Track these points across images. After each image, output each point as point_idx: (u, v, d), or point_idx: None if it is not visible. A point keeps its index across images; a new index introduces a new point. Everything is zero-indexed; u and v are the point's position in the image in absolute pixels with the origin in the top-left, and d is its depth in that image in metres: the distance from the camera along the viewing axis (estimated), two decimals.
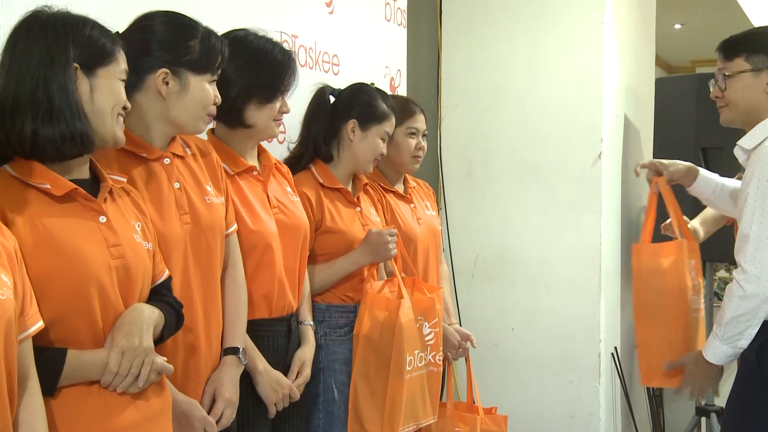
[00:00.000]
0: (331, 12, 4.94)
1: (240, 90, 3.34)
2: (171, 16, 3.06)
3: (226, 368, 3.16)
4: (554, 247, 6.22)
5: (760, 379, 3.61)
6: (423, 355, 3.87)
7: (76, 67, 2.48)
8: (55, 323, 2.39)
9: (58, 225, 2.44)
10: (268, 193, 3.56)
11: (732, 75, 3.84)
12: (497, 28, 6.50)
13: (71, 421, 2.42)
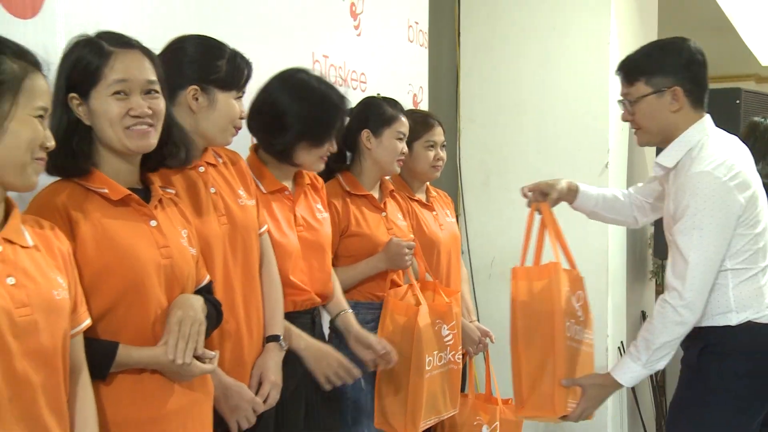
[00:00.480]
0: (359, 34, 4.93)
1: (294, 134, 3.35)
2: (201, 38, 3.10)
3: (269, 353, 3.19)
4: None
5: (701, 383, 3.48)
6: (442, 354, 3.87)
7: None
8: (108, 314, 2.46)
9: (114, 225, 2.50)
10: (295, 213, 3.55)
11: (636, 100, 3.56)
12: (511, 48, 6.55)
13: (121, 405, 2.47)
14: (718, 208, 3.26)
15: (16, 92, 2.06)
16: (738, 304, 3.37)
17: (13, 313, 2.02)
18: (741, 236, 3.33)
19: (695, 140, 3.42)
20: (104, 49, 2.52)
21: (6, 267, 2.07)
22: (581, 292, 3.72)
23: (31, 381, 2.07)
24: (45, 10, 2.89)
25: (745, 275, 3.37)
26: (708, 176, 3.28)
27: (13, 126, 2.05)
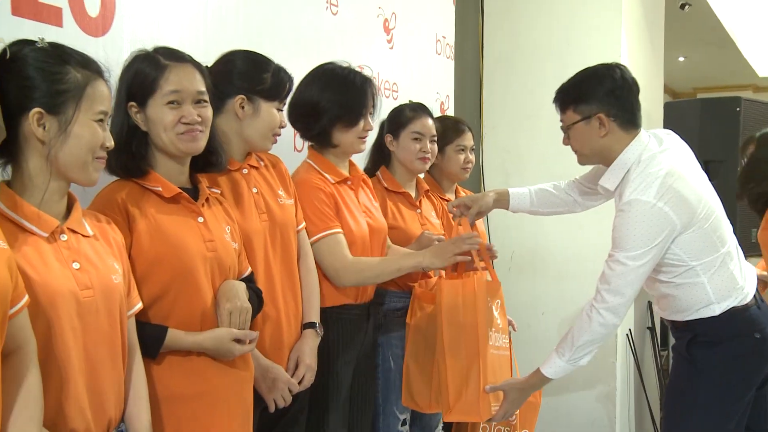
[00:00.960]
0: (392, 47, 4.95)
1: (328, 117, 3.37)
2: (249, 53, 3.12)
3: (306, 339, 3.21)
4: (578, 245, 6.24)
5: (691, 368, 3.44)
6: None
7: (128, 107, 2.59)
8: (159, 300, 2.53)
9: (166, 220, 2.56)
10: (359, 199, 3.60)
11: (568, 127, 3.52)
12: (529, 61, 6.53)
13: (170, 381, 2.54)
14: (647, 230, 3.20)
15: (79, 99, 2.10)
16: (717, 296, 3.33)
17: (78, 294, 2.09)
18: (695, 235, 3.27)
19: (631, 161, 3.35)
20: (160, 62, 2.58)
21: (71, 253, 2.13)
22: (499, 301, 3.66)
23: (94, 356, 2.13)
24: (113, 30, 3.00)
25: (714, 266, 3.32)
26: (636, 204, 3.21)
27: (76, 129, 2.09)
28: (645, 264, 3.23)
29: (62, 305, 2.04)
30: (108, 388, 2.17)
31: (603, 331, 3.33)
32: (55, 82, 2.07)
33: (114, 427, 2.20)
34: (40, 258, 2.05)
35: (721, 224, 3.39)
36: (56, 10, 2.76)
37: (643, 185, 3.23)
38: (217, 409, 2.61)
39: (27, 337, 1.91)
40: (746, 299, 3.39)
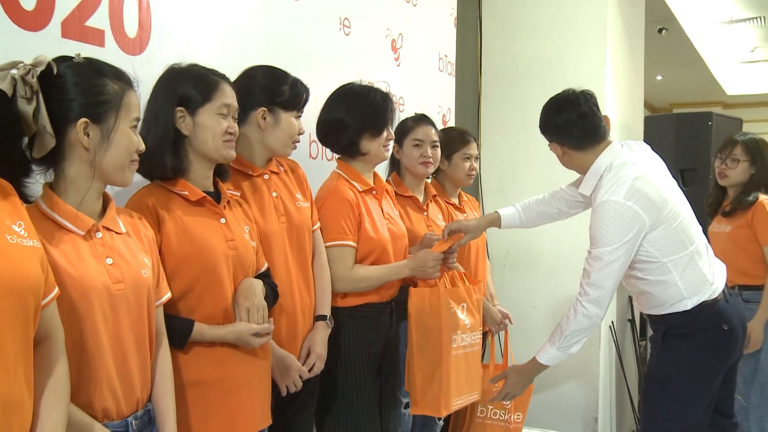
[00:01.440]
0: (399, 65, 4.95)
1: (354, 129, 3.39)
2: (269, 68, 3.13)
3: (318, 330, 3.21)
4: (566, 245, 6.20)
5: (665, 358, 3.54)
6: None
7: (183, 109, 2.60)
8: (186, 295, 2.55)
9: (192, 222, 2.58)
10: (382, 208, 3.60)
11: (551, 148, 3.73)
12: (523, 77, 6.57)
13: (196, 367, 2.56)
14: (619, 227, 3.29)
15: (118, 108, 2.12)
16: (689, 291, 3.41)
17: (111, 287, 2.11)
18: (665, 233, 3.35)
19: (603, 168, 3.47)
20: (213, 77, 2.66)
21: (105, 250, 2.15)
22: (465, 303, 3.64)
23: (124, 343, 2.15)
24: (149, 49, 3.03)
25: (683, 262, 3.39)
26: (607, 204, 3.32)
27: (116, 136, 2.12)
28: (619, 258, 3.31)
29: (95, 298, 2.06)
30: (136, 372, 2.19)
31: (587, 321, 3.41)
32: (96, 94, 2.09)
33: (141, 407, 2.22)
34: (76, 254, 2.07)
35: (689, 225, 3.45)
36: (99, 32, 2.80)
37: (614, 187, 3.33)
38: (239, 393, 2.63)
39: (56, 327, 1.92)
40: (715, 294, 3.45)
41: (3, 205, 1.78)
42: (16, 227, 1.77)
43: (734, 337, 3.49)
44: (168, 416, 2.31)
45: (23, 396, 1.73)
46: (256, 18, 3.64)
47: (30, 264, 1.76)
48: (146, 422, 2.23)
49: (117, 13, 2.87)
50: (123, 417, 2.15)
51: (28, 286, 1.73)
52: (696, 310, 3.42)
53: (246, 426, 2.66)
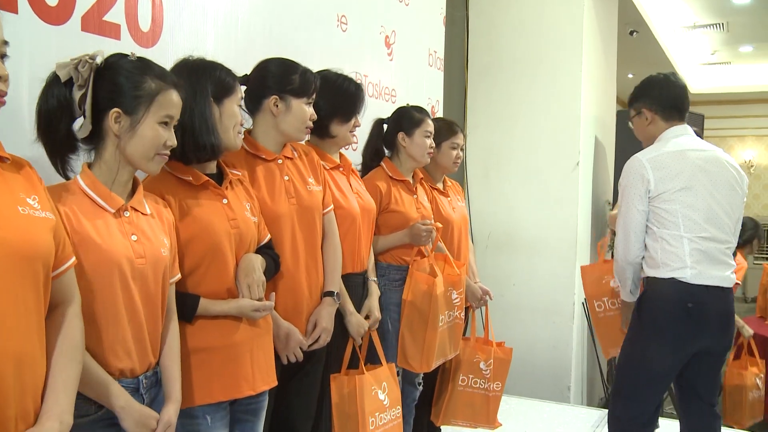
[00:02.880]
0: (392, 59, 4.91)
1: (326, 113, 3.32)
2: (280, 59, 3.10)
3: (324, 306, 3.19)
4: (544, 227, 6.33)
5: (636, 322, 3.68)
6: (451, 313, 3.86)
7: (211, 99, 2.58)
8: (193, 272, 2.55)
9: (196, 204, 2.57)
10: (350, 183, 3.57)
11: (631, 120, 3.92)
12: (507, 72, 6.62)
13: (201, 336, 2.56)
14: (631, 180, 3.58)
15: (150, 104, 2.15)
16: (664, 261, 3.53)
17: (134, 261, 2.15)
18: (660, 209, 3.54)
19: (664, 137, 3.69)
20: (232, 73, 2.70)
21: (131, 227, 2.19)
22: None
23: (140, 311, 2.19)
24: (161, 42, 3.03)
25: (668, 239, 3.53)
26: (633, 159, 3.61)
27: (142, 128, 2.15)
28: (630, 208, 3.60)
29: (119, 269, 2.10)
30: (149, 338, 2.23)
31: (617, 267, 3.78)
32: (134, 88, 2.14)
33: (152, 368, 2.27)
34: (106, 229, 2.12)
35: (696, 216, 3.55)
36: (116, 26, 2.80)
37: (648, 152, 3.62)
38: (242, 359, 2.63)
39: (73, 293, 1.95)
40: (688, 278, 3.52)
41: (19, 180, 1.81)
42: (30, 200, 1.79)
43: (702, 319, 3.52)
44: (174, 382, 2.33)
45: (35, 354, 1.76)
46: (260, 14, 3.63)
47: (40, 233, 1.77)
48: (154, 382, 2.27)
49: (132, 9, 2.87)
50: (135, 376, 2.20)
51: (37, 252, 1.74)
52: (667, 281, 3.53)
53: (248, 388, 2.66)
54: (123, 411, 2.11)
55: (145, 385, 2.22)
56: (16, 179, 1.80)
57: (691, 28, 9.91)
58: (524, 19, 6.53)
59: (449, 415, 4.25)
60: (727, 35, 10.34)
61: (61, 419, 1.79)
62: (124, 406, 2.12)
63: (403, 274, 3.83)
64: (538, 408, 5.89)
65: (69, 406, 1.84)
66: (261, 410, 2.81)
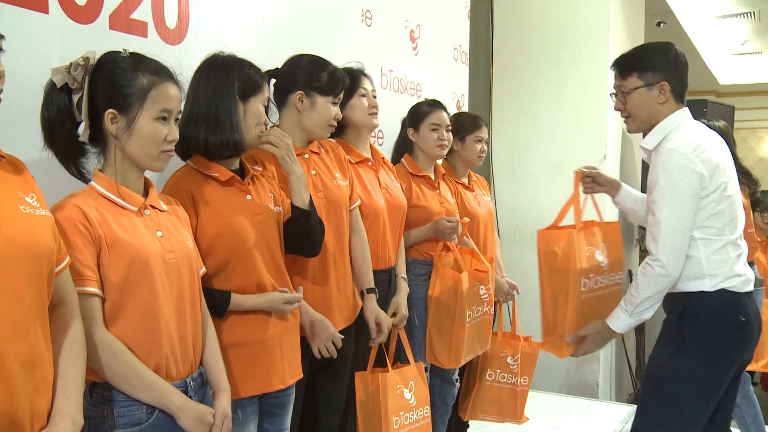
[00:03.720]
0: (416, 54, 4.93)
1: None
2: (312, 56, 3.13)
3: (370, 301, 3.36)
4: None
5: (679, 340, 3.09)
6: (479, 308, 3.85)
7: (237, 96, 2.58)
8: (221, 269, 2.56)
9: (222, 201, 2.58)
10: (379, 178, 3.58)
11: (629, 91, 3.22)
12: (532, 66, 6.59)
13: (233, 332, 2.58)
14: (682, 177, 2.97)
15: (143, 101, 2.11)
16: (710, 270, 3.03)
17: (165, 256, 2.15)
18: (707, 210, 3.02)
19: (673, 125, 3.14)
20: (261, 72, 2.70)
21: (155, 224, 2.19)
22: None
23: (180, 308, 2.20)
24: (187, 39, 3.05)
25: (714, 245, 3.03)
26: (674, 153, 3.00)
27: (138, 126, 2.12)
28: (683, 212, 2.99)
29: (155, 265, 2.10)
30: (190, 335, 2.24)
31: (658, 285, 3.05)
32: (125, 86, 2.10)
33: (195, 369, 2.27)
34: (134, 228, 2.12)
35: (736, 213, 3.12)
36: (143, 24, 2.82)
37: (681, 142, 3.03)
38: (272, 353, 2.65)
39: (70, 292, 1.94)
40: (738, 287, 3.08)
41: (16, 180, 1.81)
42: (29, 199, 1.79)
43: (750, 332, 3.12)
44: (221, 374, 2.36)
45: (43, 354, 1.76)
46: (285, 9, 3.64)
47: (42, 231, 1.78)
48: (200, 384, 2.27)
49: (159, 6, 2.89)
50: (182, 378, 2.19)
51: (42, 251, 1.75)
52: (716, 294, 3.05)
53: (278, 381, 2.69)
54: (180, 410, 2.13)
55: (192, 387, 2.22)
56: (12, 178, 1.80)
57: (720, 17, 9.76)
58: (549, 12, 6.52)
59: (477, 410, 4.26)
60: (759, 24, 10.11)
61: (73, 419, 1.80)
62: (181, 405, 2.13)
63: (429, 268, 3.85)
64: (566, 403, 5.89)
65: (79, 404, 1.86)
66: (289, 404, 2.84)
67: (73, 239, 2.01)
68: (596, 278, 3.26)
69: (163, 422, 2.12)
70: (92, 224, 2.04)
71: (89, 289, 2.02)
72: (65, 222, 2.00)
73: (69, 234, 2.00)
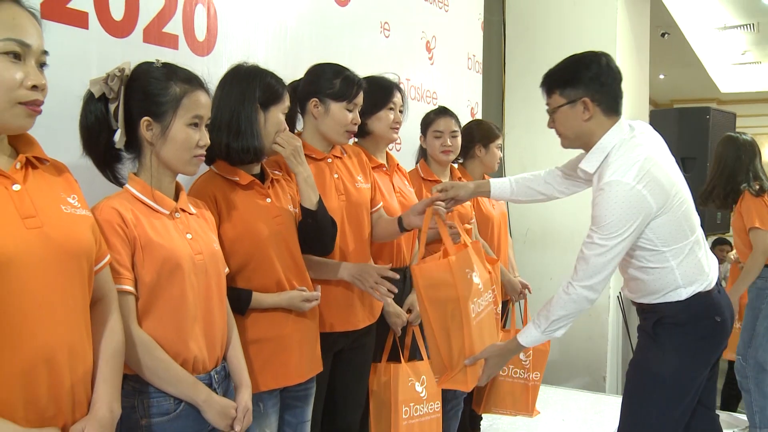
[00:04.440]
0: (432, 63, 4.94)
1: (362, 110, 3.21)
2: (329, 64, 3.09)
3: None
4: (581, 223, 6.09)
5: (656, 346, 2.92)
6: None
7: (258, 104, 2.58)
8: (242, 269, 2.59)
9: (243, 204, 2.59)
10: (393, 183, 3.57)
11: (553, 110, 2.93)
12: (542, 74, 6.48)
13: (255, 328, 2.61)
14: (630, 217, 2.69)
15: (176, 108, 2.14)
16: (685, 281, 2.83)
17: (194, 257, 2.17)
18: (668, 222, 2.76)
19: (611, 145, 2.81)
20: (282, 82, 2.68)
21: (185, 227, 2.21)
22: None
23: (207, 306, 2.22)
24: (216, 51, 3.08)
25: (683, 252, 2.82)
26: (620, 186, 2.69)
27: (172, 132, 2.14)
28: (620, 244, 2.73)
29: (185, 266, 2.13)
30: (216, 332, 2.26)
31: (578, 306, 2.83)
32: (160, 95, 2.13)
33: (219, 363, 2.29)
34: (165, 230, 2.14)
35: (691, 212, 2.89)
36: (174, 37, 2.86)
37: (624, 168, 2.71)
38: (291, 349, 2.67)
39: (110, 288, 1.97)
40: (711, 285, 2.90)
41: (58, 181, 1.83)
42: (71, 199, 1.81)
43: (725, 329, 2.96)
44: (242, 370, 2.37)
45: (84, 345, 1.78)
46: (307, 21, 3.66)
47: (83, 230, 1.79)
48: (223, 377, 2.30)
49: (189, 20, 2.92)
50: (207, 371, 2.22)
51: (81, 249, 1.76)
52: (690, 300, 2.86)
53: (297, 375, 2.71)
54: (205, 404, 2.16)
55: (216, 379, 2.24)
56: (56, 180, 1.82)
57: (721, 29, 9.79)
58: (558, 24, 6.52)
59: (491, 404, 4.25)
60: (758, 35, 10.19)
61: (111, 408, 1.82)
62: (206, 400, 2.16)
63: None
64: (575, 397, 5.88)
65: (117, 395, 1.88)
66: (309, 396, 2.85)
67: (111, 240, 2.03)
68: (478, 301, 2.93)
69: (189, 413, 2.15)
70: (128, 226, 2.06)
71: (124, 287, 2.04)
72: (103, 223, 2.03)
73: (107, 235, 2.03)
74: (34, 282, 1.63)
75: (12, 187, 1.66)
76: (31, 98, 1.66)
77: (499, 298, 3.89)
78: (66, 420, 1.71)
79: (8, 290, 1.58)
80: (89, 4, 2.51)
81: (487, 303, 3.03)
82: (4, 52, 1.62)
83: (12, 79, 1.63)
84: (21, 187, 1.67)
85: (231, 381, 2.35)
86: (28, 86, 1.65)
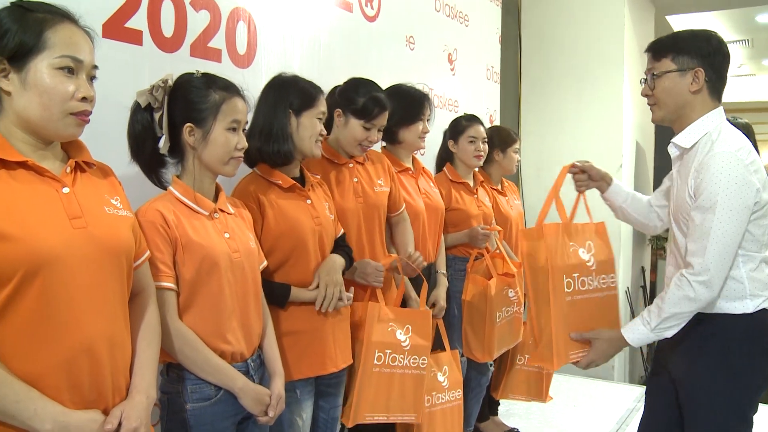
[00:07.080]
0: (454, 74, 4.92)
1: (394, 120, 3.29)
2: (363, 80, 3.10)
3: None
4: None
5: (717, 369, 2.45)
6: (508, 309, 3.81)
7: (290, 111, 2.60)
8: (283, 265, 2.60)
9: (284, 205, 2.60)
10: (418, 185, 3.57)
11: (660, 74, 2.54)
12: (556, 84, 6.59)
13: (291, 321, 2.62)
14: (739, 188, 2.31)
15: (216, 114, 2.15)
16: (753, 291, 2.43)
17: (231, 255, 2.18)
18: (752, 225, 2.39)
19: (713, 125, 2.47)
20: (316, 86, 2.68)
21: (223, 227, 2.22)
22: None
23: (243, 300, 2.23)
24: (256, 63, 3.08)
25: (753, 263, 2.43)
26: (731, 156, 2.32)
27: (213, 137, 2.16)
28: (738, 228, 2.35)
29: (223, 264, 2.14)
30: (252, 323, 2.27)
31: (692, 305, 2.40)
32: (200, 102, 2.15)
33: (255, 352, 2.29)
34: (204, 230, 2.16)
35: None
36: (217, 51, 2.87)
37: (736, 146, 2.38)
38: (325, 341, 2.68)
39: (149, 283, 1.98)
40: None
41: (103, 184, 1.84)
42: (114, 201, 1.82)
43: None
44: (276, 360, 2.37)
45: (123, 336, 1.79)
46: (339, 35, 3.66)
47: (123, 230, 1.80)
48: (259, 364, 2.30)
49: (231, 35, 2.93)
50: (244, 360, 2.23)
51: (121, 248, 1.77)
52: (757, 314, 2.44)
53: (331, 365, 2.72)
54: (242, 391, 2.17)
55: (252, 367, 2.25)
56: (101, 183, 1.83)
57: None
58: (571, 38, 6.52)
59: (508, 390, 4.23)
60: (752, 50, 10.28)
61: (147, 394, 1.82)
62: (243, 387, 2.17)
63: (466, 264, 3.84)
64: (586, 384, 5.84)
65: (153, 381, 1.88)
66: (341, 384, 2.87)
67: (154, 239, 2.05)
68: (582, 278, 2.66)
69: (228, 399, 2.16)
70: (170, 227, 2.08)
71: (165, 284, 2.06)
72: (147, 224, 2.06)
73: (151, 234, 2.05)
74: (79, 278, 1.64)
75: (62, 190, 1.68)
76: (80, 109, 1.69)
77: (522, 297, 3.91)
78: (107, 404, 1.72)
79: (55, 285, 1.60)
80: (143, 23, 2.53)
81: (600, 286, 2.73)
82: (60, 68, 1.65)
83: (66, 91, 1.66)
84: (70, 189, 1.69)
85: (266, 369, 2.35)
86: (79, 98, 1.68)
